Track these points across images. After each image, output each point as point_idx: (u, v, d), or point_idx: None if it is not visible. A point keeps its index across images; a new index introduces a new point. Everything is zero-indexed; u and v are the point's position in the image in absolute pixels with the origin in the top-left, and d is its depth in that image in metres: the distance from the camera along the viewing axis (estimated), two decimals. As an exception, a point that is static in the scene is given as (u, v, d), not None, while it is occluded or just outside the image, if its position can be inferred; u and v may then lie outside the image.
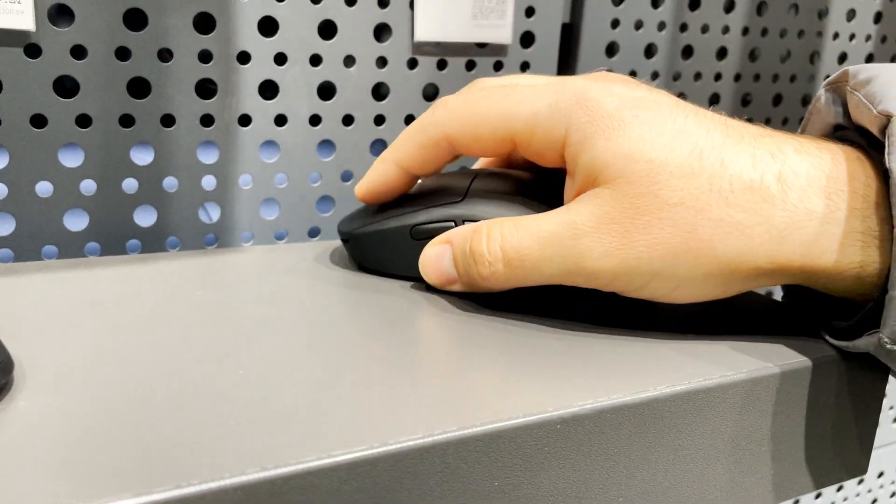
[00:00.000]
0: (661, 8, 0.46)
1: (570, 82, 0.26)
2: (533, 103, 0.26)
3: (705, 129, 0.24)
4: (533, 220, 0.26)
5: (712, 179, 0.24)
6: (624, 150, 0.24)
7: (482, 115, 0.27)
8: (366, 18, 0.37)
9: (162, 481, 0.16)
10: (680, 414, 0.23)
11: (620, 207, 0.24)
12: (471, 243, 0.27)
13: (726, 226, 0.23)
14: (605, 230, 0.24)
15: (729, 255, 0.24)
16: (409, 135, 0.28)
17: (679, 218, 0.24)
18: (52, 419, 0.19)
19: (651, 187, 0.24)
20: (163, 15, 0.33)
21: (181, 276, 0.29)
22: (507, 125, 0.26)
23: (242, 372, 0.22)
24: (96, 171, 0.34)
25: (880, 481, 0.69)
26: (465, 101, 0.27)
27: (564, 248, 0.25)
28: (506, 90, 0.27)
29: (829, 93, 0.28)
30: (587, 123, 0.25)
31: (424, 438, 0.19)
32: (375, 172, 0.30)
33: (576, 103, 0.25)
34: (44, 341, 0.23)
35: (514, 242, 0.26)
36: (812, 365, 0.25)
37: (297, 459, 0.17)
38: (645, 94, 0.25)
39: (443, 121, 0.27)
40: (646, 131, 0.24)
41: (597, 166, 0.24)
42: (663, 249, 0.24)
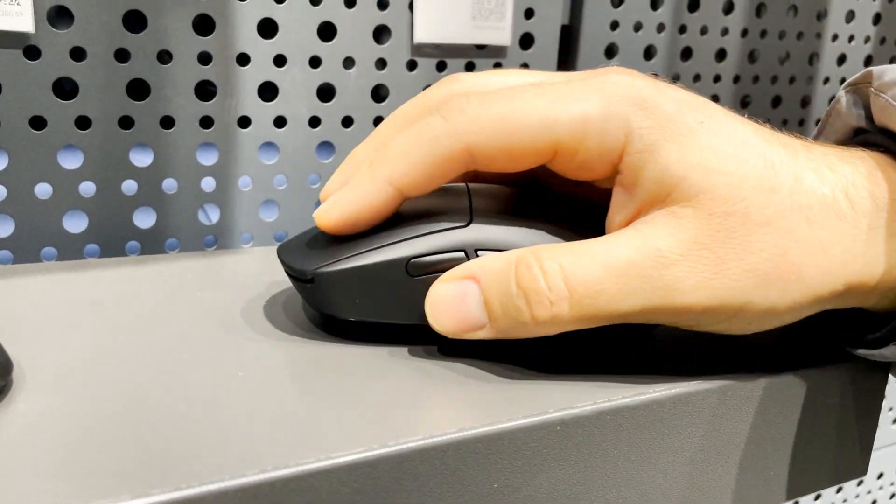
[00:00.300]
0: (660, 10, 0.46)
1: (610, 78, 0.22)
2: (581, 105, 0.21)
3: (765, 141, 0.22)
4: (598, 247, 0.21)
5: (793, 195, 0.21)
6: (699, 161, 0.21)
7: (517, 122, 0.22)
8: (365, 20, 0.37)
9: (161, 483, 0.16)
10: (679, 416, 0.23)
11: (709, 230, 0.21)
12: (517, 279, 0.21)
13: (812, 247, 0.21)
14: (695, 258, 0.21)
15: (815, 280, 0.22)
16: (412, 148, 0.22)
17: (769, 240, 0.21)
18: (51, 420, 0.19)
19: (738, 205, 0.21)
20: (162, 16, 0.33)
21: (180, 278, 0.29)
22: (550, 131, 0.21)
23: (242, 374, 0.22)
24: (95, 172, 0.34)
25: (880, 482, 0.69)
26: (488, 104, 0.22)
27: (649, 281, 0.21)
28: (539, 89, 0.22)
29: (851, 94, 0.27)
30: (651, 129, 0.21)
31: (424, 440, 0.19)
32: (358, 194, 0.23)
33: (633, 105, 0.21)
34: (43, 343, 0.23)
35: (581, 276, 0.21)
36: (811, 367, 0.25)
37: (296, 461, 0.17)
38: (690, 96, 0.23)
39: (462, 130, 0.22)
40: (714, 140, 0.21)
41: (670, 180, 0.21)
42: (755, 277, 0.21)
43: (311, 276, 0.23)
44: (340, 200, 0.23)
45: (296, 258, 0.24)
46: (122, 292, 0.28)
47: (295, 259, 0.24)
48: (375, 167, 0.23)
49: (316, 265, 0.23)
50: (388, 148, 0.23)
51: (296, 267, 0.24)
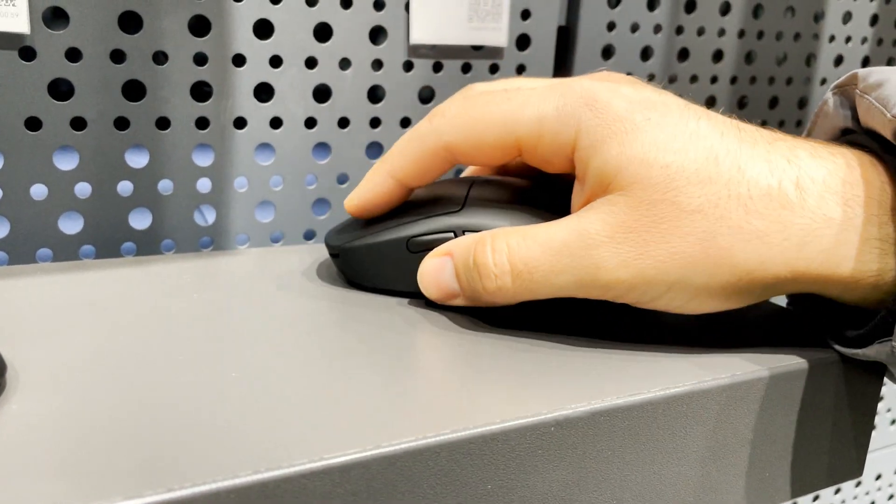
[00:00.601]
0: (657, 11, 0.46)
1: (574, 83, 0.25)
2: (538, 106, 0.25)
3: (719, 133, 0.24)
4: (541, 230, 0.25)
5: (730, 185, 0.23)
6: (638, 154, 0.23)
7: (484, 122, 0.25)
8: (361, 21, 0.37)
9: (154, 484, 0.16)
10: (674, 416, 0.23)
11: (636, 215, 0.23)
12: (474, 255, 0.25)
13: (746, 234, 0.23)
14: (620, 239, 0.23)
15: (749, 264, 0.23)
16: (405, 145, 0.27)
17: (697, 226, 0.23)
18: (45, 422, 0.19)
19: (668, 194, 0.23)
20: (158, 17, 0.33)
21: (176, 279, 0.29)
22: (511, 131, 0.25)
23: (236, 375, 0.22)
24: (91, 173, 0.34)
25: (878, 484, 0.69)
26: (464, 108, 0.26)
27: (577, 259, 0.24)
28: (507, 94, 0.26)
29: (837, 96, 0.27)
30: (597, 126, 0.24)
31: (418, 441, 0.19)
32: (368, 185, 0.28)
33: (584, 105, 0.24)
34: (37, 344, 0.23)
35: (522, 254, 0.24)
36: (807, 367, 0.25)
37: (289, 462, 0.17)
38: (653, 96, 0.25)
39: (442, 129, 0.26)
40: (659, 135, 0.23)
41: (609, 171, 0.23)
42: (681, 259, 0.23)
43: (337, 252, 0.30)
44: (358, 190, 0.28)
45: (331, 237, 0.30)
46: (117, 293, 0.28)
47: (331, 237, 0.30)
48: (380, 162, 0.28)
49: (341, 242, 0.29)
50: (393, 146, 0.28)
51: (329, 244, 0.30)
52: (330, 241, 0.30)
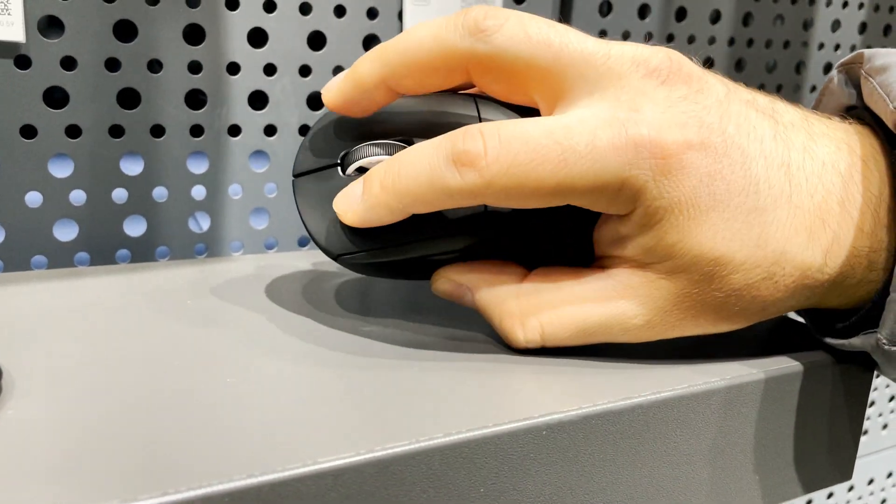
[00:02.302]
0: (647, 19, 0.46)
1: (641, 121, 0.22)
2: (599, 175, 0.22)
3: (770, 185, 0.23)
4: (573, 299, 0.24)
5: (771, 268, 0.23)
6: (693, 247, 0.23)
7: (533, 187, 0.22)
8: (355, 29, 0.38)
9: (149, 488, 0.16)
10: (665, 420, 0.23)
11: (675, 301, 0.23)
12: (499, 323, 0.25)
13: (772, 307, 0.24)
14: (656, 322, 0.24)
15: (770, 315, 0.25)
16: (424, 190, 0.23)
17: (733, 306, 0.24)
18: (40, 427, 0.19)
19: (711, 284, 0.23)
20: (152, 26, 0.33)
21: (171, 286, 0.30)
22: (563, 199, 0.23)
23: (230, 380, 0.22)
24: (86, 181, 0.34)
25: (870, 488, 0.69)
26: (508, 169, 0.22)
27: (610, 337, 0.24)
28: (563, 151, 0.22)
29: (842, 74, 0.28)
30: (662, 209, 0.22)
31: (410, 445, 0.19)
32: (375, 214, 0.24)
33: (653, 179, 0.22)
34: (33, 351, 0.23)
35: (555, 328, 0.24)
36: (799, 371, 0.26)
37: (283, 466, 0.17)
38: (714, 133, 0.22)
39: (478, 191, 0.22)
40: (717, 219, 0.22)
41: (658, 253, 0.23)
42: (696, 328, 0.24)
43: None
44: (360, 214, 0.24)
45: (332, 241, 0.26)
46: (112, 300, 0.28)
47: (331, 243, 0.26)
48: (391, 197, 0.23)
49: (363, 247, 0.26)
50: (402, 176, 0.23)
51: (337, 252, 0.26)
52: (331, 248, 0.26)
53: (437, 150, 0.22)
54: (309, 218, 0.26)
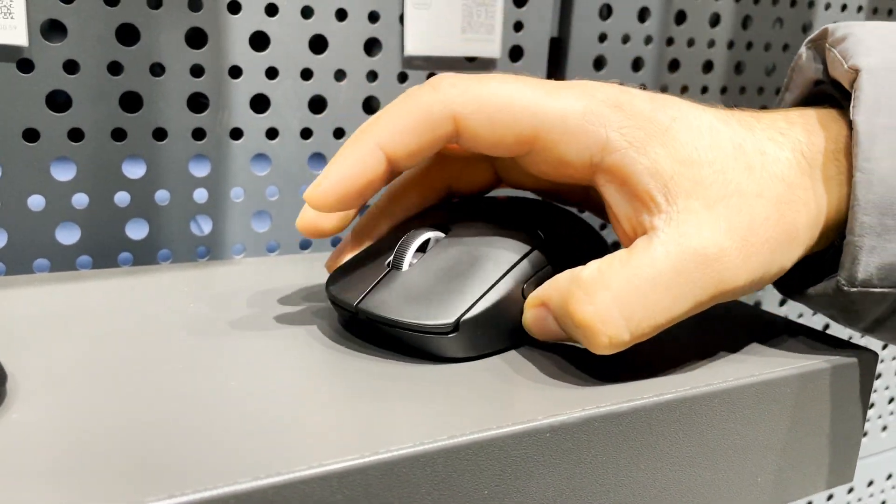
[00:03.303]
0: (647, 22, 0.46)
1: (587, 84, 0.23)
2: (565, 101, 0.23)
3: (726, 124, 0.24)
4: (639, 262, 0.22)
5: (765, 167, 0.23)
6: (684, 156, 0.23)
7: (504, 102, 0.23)
8: (356, 33, 0.38)
9: (154, 491, 0.16)
10: (667, 422, 0.23)
11: (722, 216, 0.22)
12: (573, 315, 0.23)
13: (797, 205, 0.24)
14: (726, 245, 0.22)
15: (806, 234, 0.24)
16: (401, 113, 0.23)
17: (768, 209, 0.23)
18: (45, 430, 0.19)
19: (730, 187, 0.23)
20: (155, 30, 0.34)
21: (173, 289, 0.30)
22: (534, 118, 0.23)
23: (234, 383, 0.22)
24: (88, 184, 0.34)
25: (870, 490, 0.69)
26: (479, 82, 0.23)
27: (697, 283, 0.22)
28: (528, 80, 0.23)
29: (811, 50, 0.28)
30: (631, 128, 0.23)
31: (415, 447, 0.19)
32: (351, 158, 0.23)
33: (612, 106, 0.23)
34: (36, 354, 0.23)
35: (632, 301, 0.22)
36: (798, 373, 0.26)
37: (288, 469, 0.18)
38: (658, 95, 0.24)
39: (452, 100, 0.23)
40: (687, 135, 0.23)
41: (663, 173, 0.22)
42: (772, 244, 0.23)
43: (450, 327, 0.24)
44: (329, 171, 0.23)
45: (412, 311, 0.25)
46: (114, 303, 0.28)
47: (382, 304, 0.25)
48: (363, 133, 0.23)
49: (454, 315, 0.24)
50: (377, 116, 0.24)
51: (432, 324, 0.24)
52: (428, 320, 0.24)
53: (413, 89, 0.24)
54: (407, 315, 0.24)
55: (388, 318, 0.24)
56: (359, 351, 0.25)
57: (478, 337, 0.24)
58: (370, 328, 0.25)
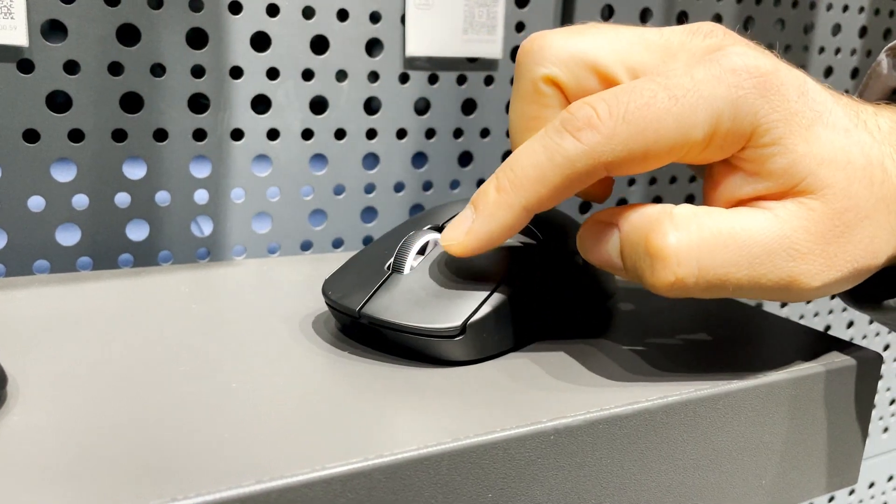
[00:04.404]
0: (649, 23, 0.46)
1: (731, 59, 0.22)
2: (711, 104, 0.22)
3: (856, 126, 0.23)
4: (735, 224, 0.22)
5: (883, 186, 0.23)
6: (825, 155, 0.22)
7: (654, 134, 0.22)
8: (357, 33, 0.38)
9: (158, 494, 0.16)
10: (671, 425, 0.23)
11: (831, 224, 0.22)
12: (648, 241, 0.22)
13: (887, 234, 0.23)
14: (818, 252, 0.22)
15: (882, 261, 0.24)
16: (548, 172, 0.22)
17: (867, 232, 0.23)
18: (47, 433, 0.19)
19: (851, 200, 0.22)
20: (156, 30, 0.33)
21: (174, 290, 0.30)
22: (686, 138, 0.22)
23: (236, 385, 0.22)
24: (89, 185, 0.34)
25: (871, 492, 0.69)
26: (622, 118, 0.22)
27: (776, 270, 0.22)
28: (669, 91, 0.22)
29: (891, 58, 0.28)
30: (777, 122, 0.22)
31: (419, 450, 0.19)
32: (500, 224, 0.23)
33: (760, 96, 0.22)
34: (36, 356, 0.23)
35: (714, 255, 0.22)
36: (801, 376, 0.26)
37: (292, 472, 0.17)
38: (797, 76, 0.23)
39: (599, 149, 0.22)
40: (828, 133, 0.23)
41: (799, 172, 0.22)
42: (854, 266, 0.23)
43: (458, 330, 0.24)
44: (478, 230, 0.23)
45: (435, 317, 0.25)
46: (115, 305, 0.28)
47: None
48: (510, 194, 0.23)
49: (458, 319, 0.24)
50: (517, 169, 0.23)
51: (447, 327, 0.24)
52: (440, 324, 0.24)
53: (547, 132, 0.22)
54: (406, 318, 0.24)
55: (394, 323, 0.24)
56: (361, 354, 0.25)
57: (483, 340, 0.24)
58: (372, 332, 0.25)
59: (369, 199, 0.40)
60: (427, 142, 0.41)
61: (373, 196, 0.40)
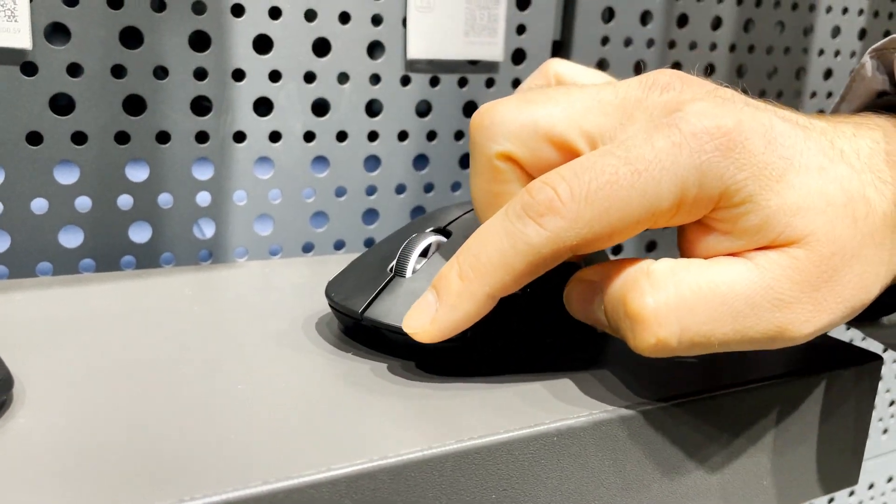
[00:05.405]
0: (649, 25, 0.46)
1: (687, 119, 0.22)
2: (675, 173, 0.21)
3: (830, 160, 0.23)
4: (714, 277, 0.21)
5: (867, 220, 0.22)
6: (800, 203, 0.22)
7: (619, 214, 0.21)
8: (359, 36, 0.38)
9: (163, 495, 0.16)
10: (673, 426, 0.23)
11: (817, 272, 0.22)
12: (626, 304, 0.21)
13: (876, 267, 0.23)
14: (805, 300, 0.22)
15: (874, 294, 0.23)
16: (509, 258, 0.22)
17: (856, 271, 0.22)
18: (53, 435, 0.19)
19: (837, 243, 0.22)
20: (158, 33, 0.34)
21: (177, 293, 0.30)
22: (652, 211, 0.21)
23: (242, 387, 0.22)
24: (91, 187, 0.34)
25: (871, 493, 0.69)
26: (586, 202, 0.21)
27: (761, 322, 0.21)
28: (630, 166, 0.21)
29: (875, 59, 0.27)
30: (747, 180, 0.21)
31: (423, 452, 0.19)
32: (464, 314, 0.22)
33: (724, 158, 0.21)
34: (40, 358, 0.23)
35: (694, 313, 0.21)
36: (803, 377, 0.26)
37: (298, 473, 0.18)
38: (758, 117, 0.22)
39: (564, 235, 0.21)
40: (800, 178, 0.22)
41: (774, 227, 0.21)
42: (845, 306, 0.22)
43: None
44: (442, 320, 0.22)
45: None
46: (117, 307, 0.28)
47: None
48: (473, 283, 0.22)
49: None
50: (481, 256, 0.22)
51: None
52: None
53: (508, 215, 0.22)
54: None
55: (396, 326, 0.24)
56: (364, 356, 0.25)
57: (485, 342, 0.24)
58: (374, 335, 0.25)
59: (371, 201, 0.40)
60: (428, 144, 0.41)
61: (374, 198, 0.40)
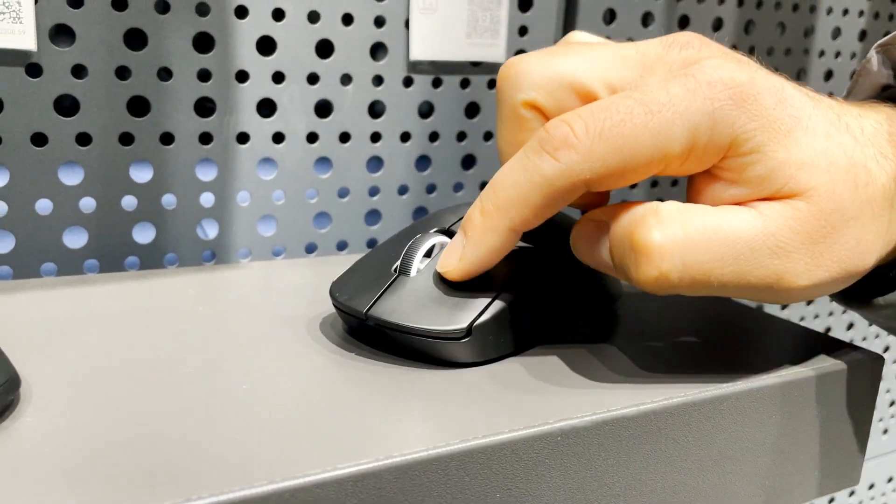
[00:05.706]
0: (651, 26, 0.46)
1: (706, 71, 0.22)
2: (688, 118, 0.22)
3: (837, 129, 0.23)
4: (720, 220, 0.22)
5: (867, 188, 0.23)
6: (804, 159, 0.22)
7: (631, 149, 0.22)
8: (362, 38, 0.38)
9: (170, 494, 0.17)
10: (675, 426, 0.23)
11: (817, 224, 0.22)
12: (633, 237, 0.22)
13: (873, 236, 0.23)
14: (804, 251, 0.22)
15: (871, 263, 0.24)
16: (526, 191, 0.23)
17: (854, 234, 0.23)
18: (60, 434, 0.19)
19: (837, 202, 0.23)
20: (162, 35, 0.34)
21: (180, 293, 0.30)
22: (664, 152, 0.22)
23: (246, 387, 0.22)
24: (96, 188, 0.34)
25: (871, 493, 0.69)
26: (600, 135, 0.22)
27: (761, 267, 0.22)
28: (646, 106, 0.22)
29: (880, 55, 0.28)
30: (755, 130, 0.22)
31: (428, 451, 0.19)
32: (489, 247, 0.24)
33: (735, 106, 0.22)
34: (45, 359, 0.23)
35: (698, 249, 0.22)
36: (805, 377, 0.26)
37: (303, 472, 0.18)
38: (774, 82, 0.23)
39: (578, 168, 0.22)
40: (807, 137, 0.23)
41: (779, 178, 0.22)
42: (841, 266, 0.23)
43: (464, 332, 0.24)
44: (469, 256, 0.24)
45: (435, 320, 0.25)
46: (121, 307, 0.28)
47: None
48: (494, 217, 0.23)
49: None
50: (499, 191, 0.23)
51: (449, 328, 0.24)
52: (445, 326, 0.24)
53: (526, 152, 0.23)
54: (417, 321, 0.24)
55: (400, 325, 0.24)
56: (368, 356, 0.25)
57: (489, 341, 0.24)
58: (379, 334, 0.25)
59: (373, 202, 0.40)
60: (431, 145, 0.41)
61: (377, 199, 0.40)
